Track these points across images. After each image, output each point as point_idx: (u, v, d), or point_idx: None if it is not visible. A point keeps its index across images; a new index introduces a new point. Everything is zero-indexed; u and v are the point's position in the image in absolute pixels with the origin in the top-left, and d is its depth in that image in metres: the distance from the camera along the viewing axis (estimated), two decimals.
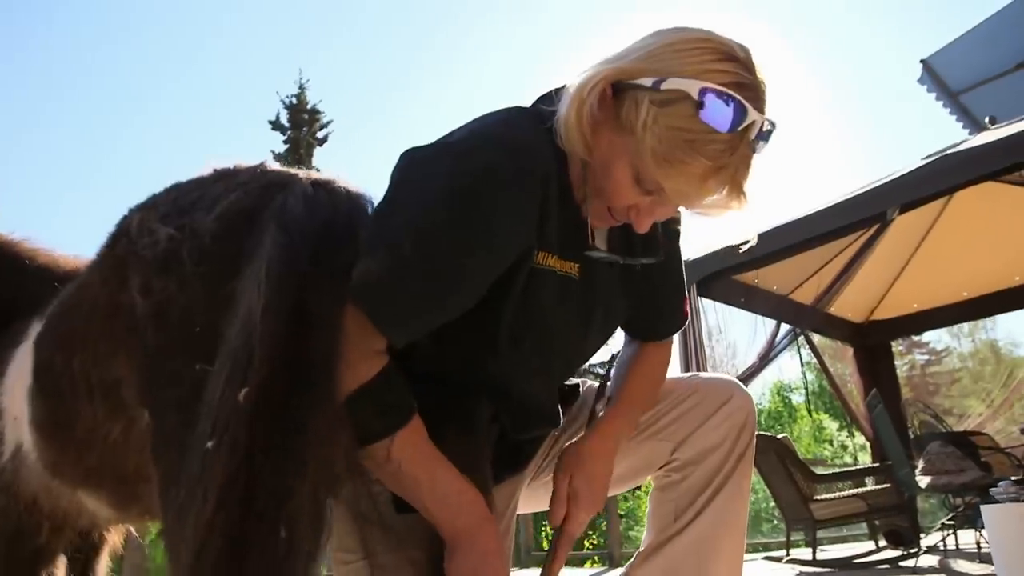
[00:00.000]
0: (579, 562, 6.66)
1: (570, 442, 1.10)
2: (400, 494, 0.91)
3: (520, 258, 0.94)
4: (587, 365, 1.22)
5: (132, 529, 1.31)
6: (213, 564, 0.68)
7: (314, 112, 19.09)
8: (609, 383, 1.17)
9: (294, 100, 19.03)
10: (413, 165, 0.93)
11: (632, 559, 1.15)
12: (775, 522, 19.10)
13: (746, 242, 1.01)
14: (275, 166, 0.97)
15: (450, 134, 0.95)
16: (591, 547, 8.46)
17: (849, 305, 5.63)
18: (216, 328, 0.79)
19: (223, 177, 0.94)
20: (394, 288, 0.86)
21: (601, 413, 1.12)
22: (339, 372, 0.80)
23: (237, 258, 0.81)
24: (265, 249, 0.81)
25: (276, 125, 18.80)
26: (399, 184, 0.93)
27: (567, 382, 1.22)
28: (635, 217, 0.96)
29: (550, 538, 1.06)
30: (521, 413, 1.04)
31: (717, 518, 1.08)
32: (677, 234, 1.16)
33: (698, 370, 4.34)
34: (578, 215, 0.98)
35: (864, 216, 4.16)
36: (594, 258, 1.01)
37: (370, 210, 0.94)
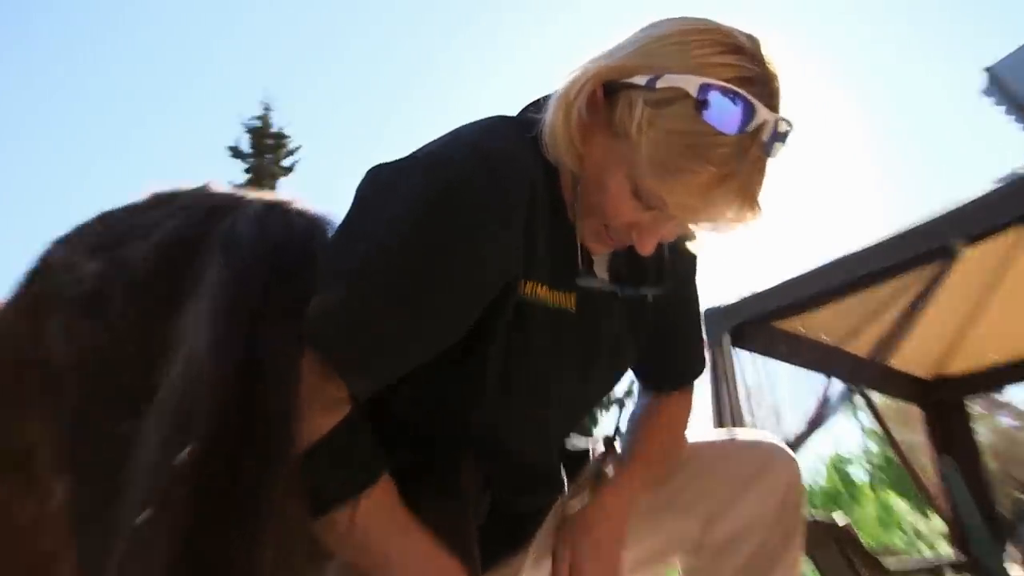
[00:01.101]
0: None
1: (568, 509, 1.09)
2: (369, 572, 0.90)
3: (504, 290, 0.95)
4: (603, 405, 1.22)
5: None
6: None
7: (280, 136, 19.41)
8: (619, 439, 1.17)
9: (257, 123, 19.35)
10: (378, 182, 0.95)
11: None
12: None
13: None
14: (221, 187, 0.99)
15: (422, 147, 0.97)
16: None
17: (914, 357, 5.60)
18: (150, 378, 0.80)
19: (161, 202, 0.96)
20: (354, 327, 0.87)
21: (610, 473, 1.12)
22: (298, 426, 0.80)
23: (177, 294, 0.82)
24: (209, 282, 0.82)
25: (236, 152, 19.07)
26: (361, 204, 0.94)
27: (575, 444, 1.22)
28: (637, 237, 0.97)
29: None
30: (515, 474, 1.04)
31: None
32: (693, 261, 1.17)
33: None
34: (572, 237, 1.00)
35: (925, 250, 4.19)
36: (591, 288, 1.02)
37: (330, 233, 0.95)
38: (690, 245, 1.14)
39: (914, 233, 4.27)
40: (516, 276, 0.96)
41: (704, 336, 1.28)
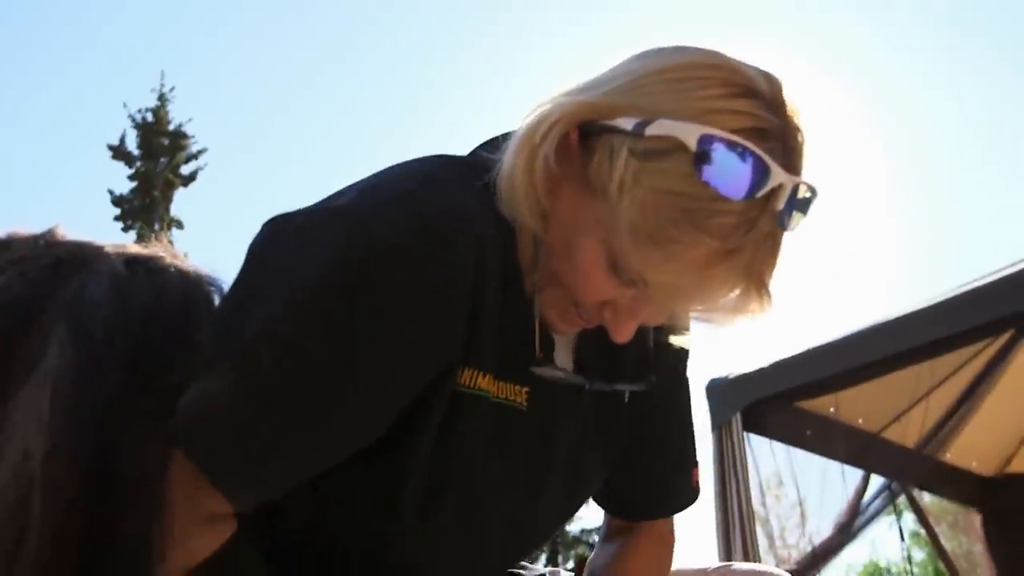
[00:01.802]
0: None
1: None
2: None
3: (436, 379, 0.93)
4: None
5: None
6: None
7: (179, 136, 19.33)
8: None
9: (149, 116, 19.25)
10: (279, 239, 0.93)
11: None
12: None
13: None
14: (69, 235, 0.96)
15: (337, 194, 0.96)
16: None
17: (973, 450, 5.65)
18: None
19: None
20: (240, 425, 0.85)
21: None
22: (162, 554, 0.77)
23: (5, 374, 0.79)
24: (50, 363, 0.79)
25: (119, 152, 18.93)
26: (256, 267, 0.93)
27: (528, 572, 1.20)
28: (611, 319, 0.96)
29: None
30: None
31: None
32: (685, 351, 1.17)
33: (744, 545, 4.29)
34: (528, 314, 0.99)
35: (991, 318, 4.23)
36: (549, 380, 1.01)
37: (217, 301, 0.93)
38: (681, 338, 1.13)
39: (977, 297, 4.31)
40: (453, 362, 0.94)
41: (706, 416, 1.27)
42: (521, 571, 1.19)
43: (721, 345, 1.20)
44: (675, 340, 1.12)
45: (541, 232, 0.96)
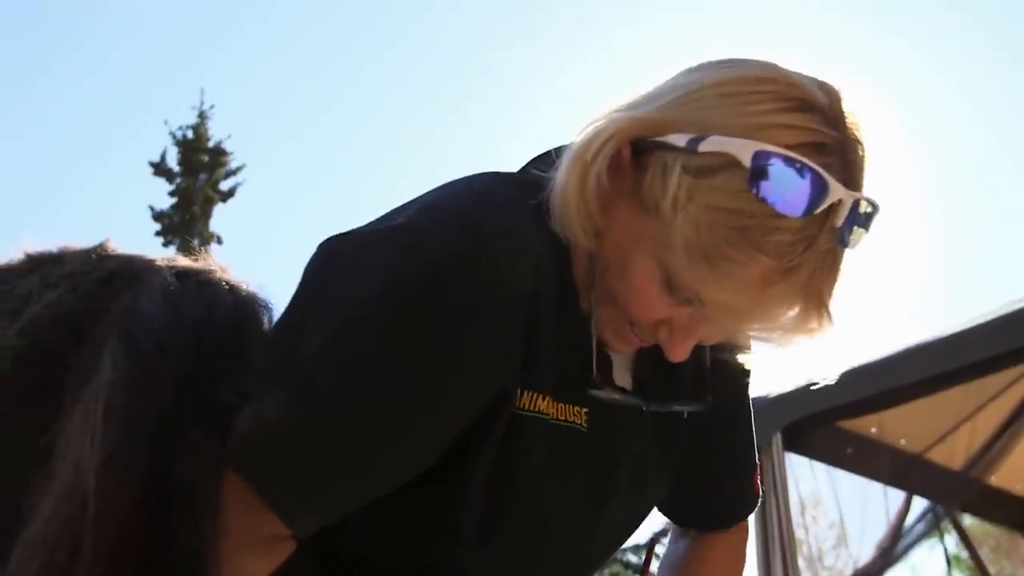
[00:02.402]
0: None
1: None
2: None
3: (494, 401, 0.92)
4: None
5: None
6: None
7: (218, 152, 19.59)
8: None
9: (189, 134, 19.53)
10: (335, 260, 0.93)
11: None
12: None
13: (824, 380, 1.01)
14: (120, 249, 0.96)
15: (393, 212, 0.96)
16: None
17: (1020, 473, 5.56)
18: (16, 504, 0.77)
19: (39, 266, 0.93)
20: (295, 450, 0.85)
21: None
22: (217, 567, 0.77)
23: (55, 394, 0.80)
24: (104, 378, 0.80)
25: (160, 169, 19.23)
26: (313, 288, 0.93)
27: None
28: (667, 339, 0.95)
29: None
30: None
31: None
32: (744, 370, 1.15)
33: (784, 567, 4.25)
34: (585, 334, 0.98)
35: None
36: (607, 401, 1.00)
37: (268, 320, 0.93)
38: (740, 357, 1.11)
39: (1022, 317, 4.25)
40: (511, 384, 0.93)
41: (758, 463, 1.26)
42: None
43: (762, 365, 1.18)
44: (734, 358, 1.10)
45: (596, 250, 0.96)
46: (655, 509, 1.18)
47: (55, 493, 0.74)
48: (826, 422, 4.64)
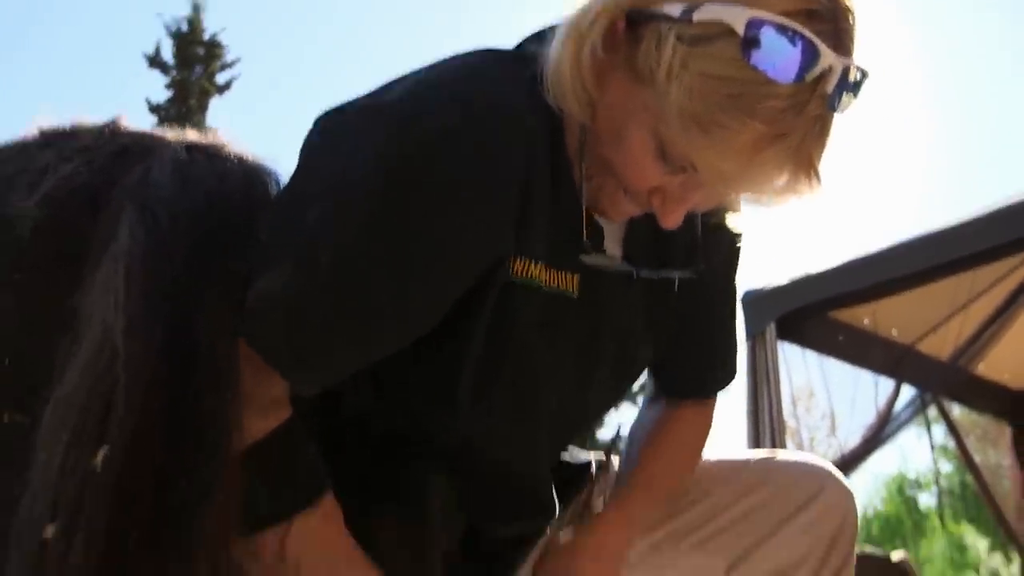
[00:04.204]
0: None
1: (556, 540, 1.11)
2: None
3: (488, 270, 0.95)
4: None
5: None
6: None
7: (213, 45, 19.24)
8: (618, 458, 1.19)
9: (184, 26, 19.16)
10: (330, 136, 0.95)
11: None
12: None
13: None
14: (131, 126, 0.98)
15: (386, 87, 0.97)
16: None
17: (1006, 363, 5.63)
18: (42, 360, 0.80)
19: (53, 141, 0.95)
20: (299, 317, 0.88)
21: (602, 503, 1.13)
22: (235, 429, 0.81)
23: (75, 260, 0.82)
24: (121, 246, 0.82)
25: (155, 61, 18.92)
26: (310, 163, 0.94)
27: (575, 457, 1.23)
28: (659, 206, 0.97)
29: None
30: (494, 496, 1.05)
31: None
32: (735, 241, 1.17)
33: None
34: (577, 204, 1.00)
35: None
36: (599, 268, 1.02)
37: (276, 188, 0.95)
38: (731, 219, 1.13)
39: (1017, 210, 4.26)
40: (505, 254, 0.95)
41: (739, 334, 1.29)
42: (568, 458, 1.22)
43: (759, 257, 1.20)
44: (724, 224, 1.13)
45: (589, 121, 0.97)
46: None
47: (83, 355, 0.77)
48: (820, 312, 4.69)
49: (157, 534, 0.74)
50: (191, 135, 0.96)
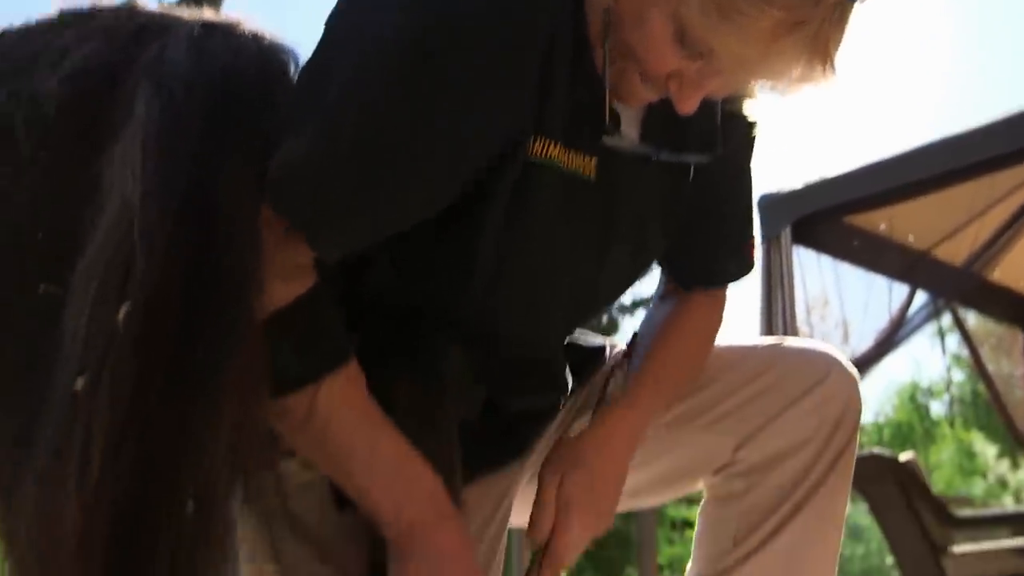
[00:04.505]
0: None
1: (570, 431, 1.13)
2: (325, 470, 0.95)
3: (508, 148, 0.96)
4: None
5: None
6: (105, 554, 0.72)
7: None
8: (633, 352, 1.20)
9: None
10: (354, 7, 0.95)
11: None
12: None
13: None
14: (148, 6, 0.98)
15: None
16: None
17: (1022, 269, 5.62)
18: (73, 234, 0.82)
19: (74, 21, 0.96)
20: (322, 183, 0.90)
21: (616, 392, 1.15)
22: (259, 293, 0.83)
23: (97, 134, 0.84)
24: (138, 118, 0.83)
25: None
26: (334, 34, 0.95)
27: (588, 341, 1.25)
28: (676, 91, 0.97)
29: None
30: (509, 369, 1.08)
31: (794, 548, 1.13)
32: (752, 130, 1.17)
33: None
34: (597, 86, 1.00)
35: None
36: (617, 150, 1.03)
37: (293, 69, 0.96)
38: (748, 107, 1.13)
39: None
40: (524, 132, 0.96)
41: (756, 229, 1.29)
42: (579, 341, 1.24)
43: (775, 160, 1.19)
44: (741, 112, 1.13)
45: (611, 4, 0.97)
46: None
47: (104, 224, 0.79)
48: (835, 217, 4.66)
49: (179, 388, 0.77)
50: (207, 14, 0.97)
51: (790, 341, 1.24)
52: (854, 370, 1.20)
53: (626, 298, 15.51)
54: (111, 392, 0.74)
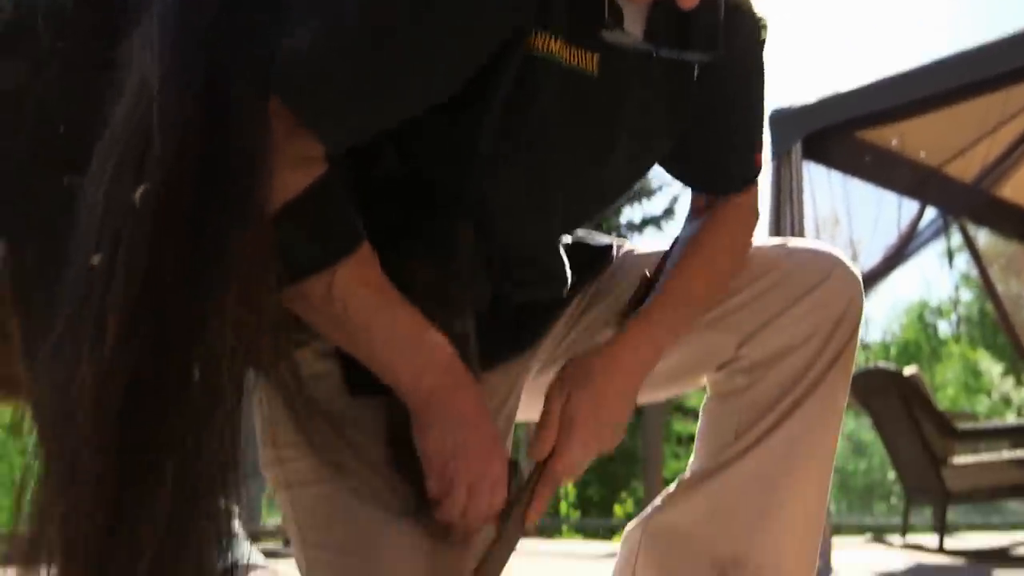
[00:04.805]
0: (608, 533, 7.00)
1: (581, 351, 1.14)
2: (347, 349, 0.98)
3: (510, 41, 0.97)
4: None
5: None
6: (118, 420, 0.75)
7: None
8: (660, 271, 1.20)
9: None
10: None
11: (668, 489, 1.22)
12: (893, 501, 19.69)
13: None
14: None
15: None
16: (625, 516, 8.85)
17: None
18: (91, 124, 0.84)
19: None
20: (329, 71, 0.91)
21: (636, 313, 1.15)
22: (268, 178, 0.84)
23: (112, 23, 0.84)
24: (156, 7, 0.84)
25: None
26: None
27: (595, 240, 1.26)
28: None
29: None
30: (511, 260, 1.09)
31: (793, 441, 1.14)
32: (759, 28, 1.16)
33: None
34: None
35: None
36: (620, 47, 1.03)
37: None
38: (754, 4, 1.12)
39: None
40: (526, 24, 0.97)
41: (766, 143, 1.28)
42: (586, 240, 1.26)
43: (786, 76, 1.18)
44: (746, 8, 1.12)
45: None
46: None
47: (124, 105, 0.80)
48: (847, 132, 4.63)
49: (191, 264, 0.79)
50: None
51: (794, 242, 1.24)
52: (857, 270, 1.20)
53: (636, 216, 15.47)
54: (126, 267, 0.76)
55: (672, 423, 15.29)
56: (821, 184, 4.77)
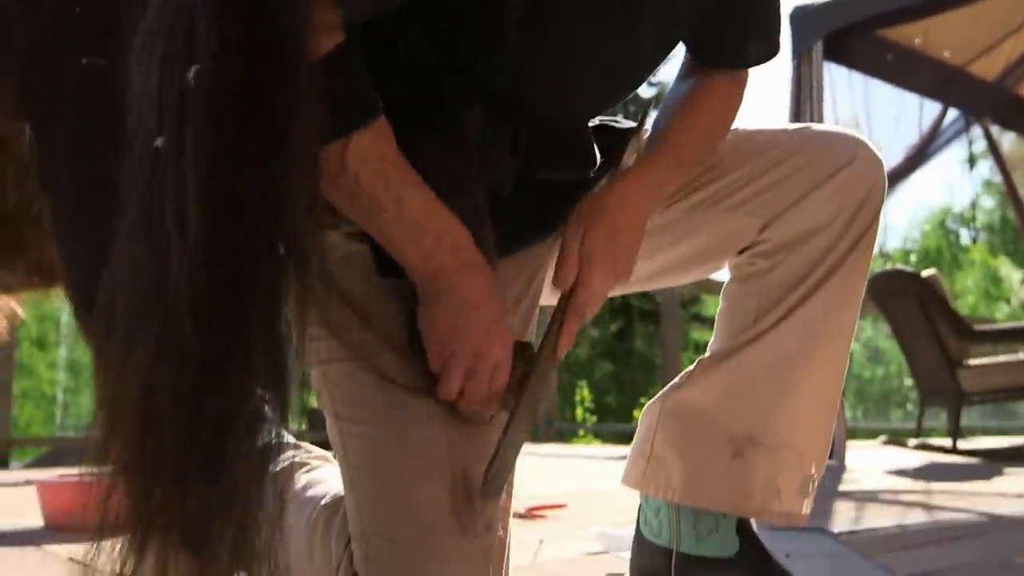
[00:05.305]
0: (626, 439, 7.11)
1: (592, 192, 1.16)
2: (360, 223, 1.00)
3: None
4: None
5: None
6: (212, 294, 0.77)
7: None
8: (654, 123, 1.21)
9: None
10: None
11: (688, 368, 1.25)
12: (909, 408, 19.82)
13: None
14: None
15: None
16: None
17: None
18: (107, 4, 0.84)
19: None
20: None
21: (632, 158, 1.17)
22: (310, 36, 0.85)
23: None
24: None
25: None
26: None
27: (616, 123, 1.27)
28: None
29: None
30: (538, 139, 1.10)
31: (812, 323, 1.16)
32: None
33: None
34: None
35: None
36: None
37: None
38: None
39: None
40: None
41: (786, 41, 1.26)
42: (611, 123, 1.26)
43: None
44: None
45: None
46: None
47: None
48: (869, 30, 4.53)
49: (256, 139, 0.80)
50: None
51: (817, 126, 1.24)
52: (880, 153, 1.21)
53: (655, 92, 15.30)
54: (195, 147, 0.77)
55: (690, 331, 15.38)
56: (842, 86, 4.70)
